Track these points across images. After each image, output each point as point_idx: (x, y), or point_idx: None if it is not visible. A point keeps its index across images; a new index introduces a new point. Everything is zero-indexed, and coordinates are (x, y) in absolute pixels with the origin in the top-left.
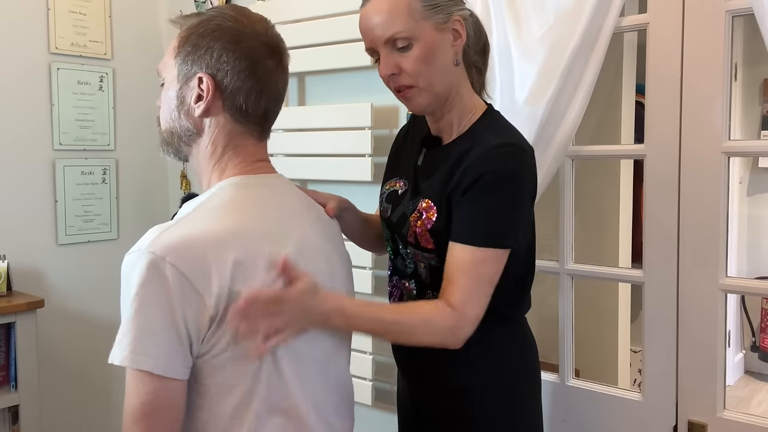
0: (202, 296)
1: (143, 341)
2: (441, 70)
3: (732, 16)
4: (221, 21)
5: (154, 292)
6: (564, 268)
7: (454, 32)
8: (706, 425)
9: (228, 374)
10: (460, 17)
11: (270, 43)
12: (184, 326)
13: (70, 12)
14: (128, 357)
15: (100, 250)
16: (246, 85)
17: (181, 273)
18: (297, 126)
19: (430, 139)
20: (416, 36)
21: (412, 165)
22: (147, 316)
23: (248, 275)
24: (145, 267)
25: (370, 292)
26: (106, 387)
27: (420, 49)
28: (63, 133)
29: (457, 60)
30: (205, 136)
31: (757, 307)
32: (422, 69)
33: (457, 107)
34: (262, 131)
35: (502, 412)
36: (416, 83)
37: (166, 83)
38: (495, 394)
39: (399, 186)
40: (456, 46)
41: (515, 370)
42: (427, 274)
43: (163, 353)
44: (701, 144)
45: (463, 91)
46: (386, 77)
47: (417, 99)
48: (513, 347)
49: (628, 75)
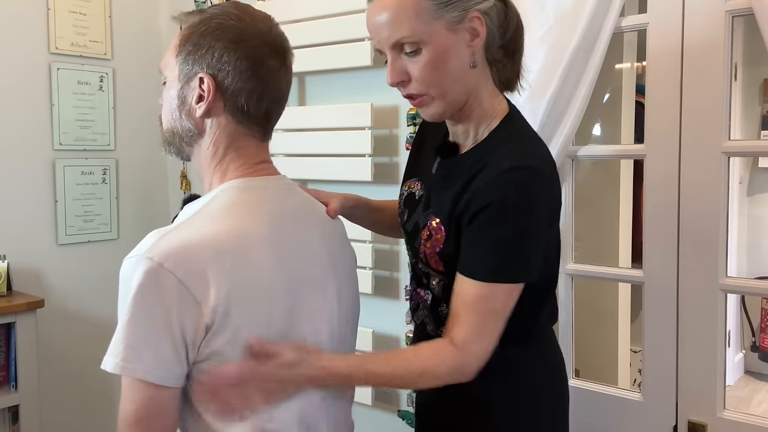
0: (200, 304)
1: (136, 349)
2: (455, 76)
3: (732, 16)
4: (223, 20)
5: (150, 299)
6: (564, 268)
7: (472, 31)
8: (706, 425)
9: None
10: (479, 12)
11: (273, 43)
12: (180, 334)
13: (70, 12)
14: (120, 365)
15: (100, 250)
16: (248, 86)
17: (179, 280)
18: (297, 126)
19: (446, 146)
20: (425, 40)
21: (429, 170)
22: (142, 324)
23: (244, 279)
24: (143, 273)
25: (370, 292)
26: (106, 387)
27: (430, 54)
28: (63, 133)
29: (474, 62)
30: (206, 137)
31: (757, 307)
32: (433, 77)
33: (476, 112)
34: (264, 132)
35: (522, 424)
36: (427, 92)
37: (168, 82)
38: (514, 405)
39: (417, 189)
40: (473, 47)
41: (538, 383)
42: (439, 290)
43: (157, 361)
44: (701, 144)
45: (482, 95)
46: (394, 85)
47: (430, 108)
48: (536, 359)
49: (628, 75)
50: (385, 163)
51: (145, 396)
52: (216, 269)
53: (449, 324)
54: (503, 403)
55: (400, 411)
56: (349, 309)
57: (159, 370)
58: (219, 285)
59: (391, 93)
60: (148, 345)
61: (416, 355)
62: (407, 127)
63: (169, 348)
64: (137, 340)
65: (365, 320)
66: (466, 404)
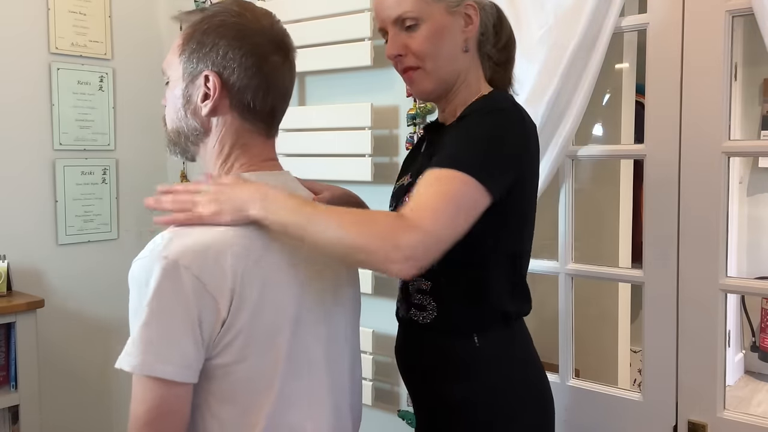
0: (216, 299)
1: (158, 347)
2: (448, 54)
3: (732, 16)
4: (225, 17)
5: (169, 297)
6: (564, 268)
7: (466, 17)
8: (706, 425)
9: (233, 382)
10: (474, 3)
11: (276, 39)
12: (200, 330)
13: (70, 12)
14: (140, 364)
15: (100, 250)
16: (253, 83)
17: (196, 277)
18: (297, 126)
19: (436, 126)
20: (425, 16)
21: (420, 157)
22: (163, 322)
23: (255, 276)
24: (160, 272)
25: (370, 292)
26: (106, 387)
27: (428, 29)
28: (63, 133)
29: (466, 47)
30: (212, 136)
31: (757, 307)
32: (429, 49)
33: (462, 95)
34: (269, 129)
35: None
36: (423, 65)
37: (171, 82)
38: (490, 407)
39: (406, 180)
40: (467, 32)
41: (513, 382)
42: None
43: (178, 358)
44: (701, 144)
45: (471, 80)
46: (392, 57)
47: (422, 82)
48: (510, 355)
49: (628, 75)
50: (385, 163)
51: (157, 394)
52: (229, 266)
53: None
54: (478, 404)
55: (400, 411)
56: (352, 299)
57: (180, 367)
58: (233, 281)
59: (391, 93)
60: (171, 342)
61: (366, 211)
62: (407, 127)
63: (190, 344)
64: (159, 338)
65: (365, 320)
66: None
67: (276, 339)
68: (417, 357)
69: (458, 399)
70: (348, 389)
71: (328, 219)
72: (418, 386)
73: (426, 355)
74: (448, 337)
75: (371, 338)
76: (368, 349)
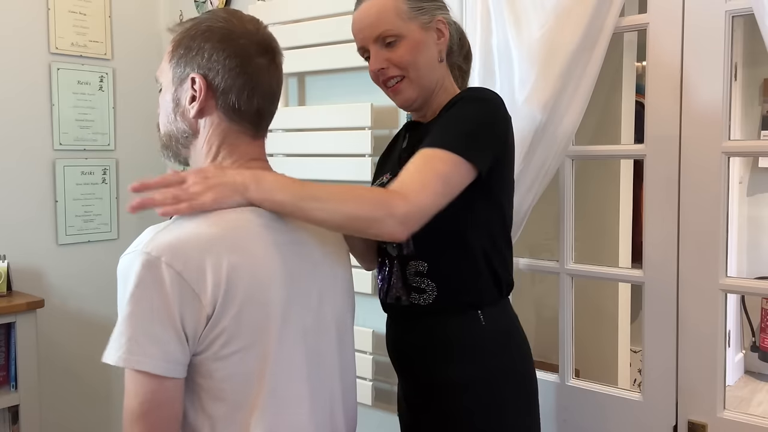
0: (199, 296)
1: (139, 341)
2: (427, 64)
3: (732, 16)
4: (212, 23)
5: (150, 292)
6: (564, 268)
7: (438, 32)
8: (706, 425)
9: (222, 378)
10: (443, 18)
11: (262, 42)
12: (181, 325)
13: (70, 12)
14: (123, 357)
15: (100, 250)
16: (237, 83)
17: (177, 272)
18: (297, 126)
19: (416, 124)
20: (403, 32)
21: (398, 154)
22: (144, 316)
23: (241, 272)
24: (140, 267)
25: (369, 293)
26: (106, 387)
27: (407, 43)
28: (63, 133)
29: (441, 57)
30: (200, 137)
31: (757, 307)
32: (410, 60)
33: (441, 97)
34: (256, 129)
35: (490, 406)
36: (406, 74)
37: (164, 88)
38: (482, 388)
39: (385, 178)
40: (440, 44)
41: (503, 362)
42: (408, 250)
43: (160, 353)
44: (701, 144)
45: (447, 85)
46: (376, 71)
47: (407, 90)
48: (500, 336)
49: (628, 75)
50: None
51: (148, 389)
52: (213, 262)
53: None
54: (471, 386)
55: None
56: (345, 295)
57: (162, 361)
58: (217, 277)
59: None
60: (151, 336)
61: (357, 186)
62: None
63: (172, 339)
64: (139, 332)
65: (365, 320)
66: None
67: (264, 335)
68: (419, 340)
69: (465, 377)
70: (339, 387)
71: (324, 194)
72: (417, 371)
73: (428, 336)
74: (451, 315)
75: (371, 338)
76: (368, 349)
